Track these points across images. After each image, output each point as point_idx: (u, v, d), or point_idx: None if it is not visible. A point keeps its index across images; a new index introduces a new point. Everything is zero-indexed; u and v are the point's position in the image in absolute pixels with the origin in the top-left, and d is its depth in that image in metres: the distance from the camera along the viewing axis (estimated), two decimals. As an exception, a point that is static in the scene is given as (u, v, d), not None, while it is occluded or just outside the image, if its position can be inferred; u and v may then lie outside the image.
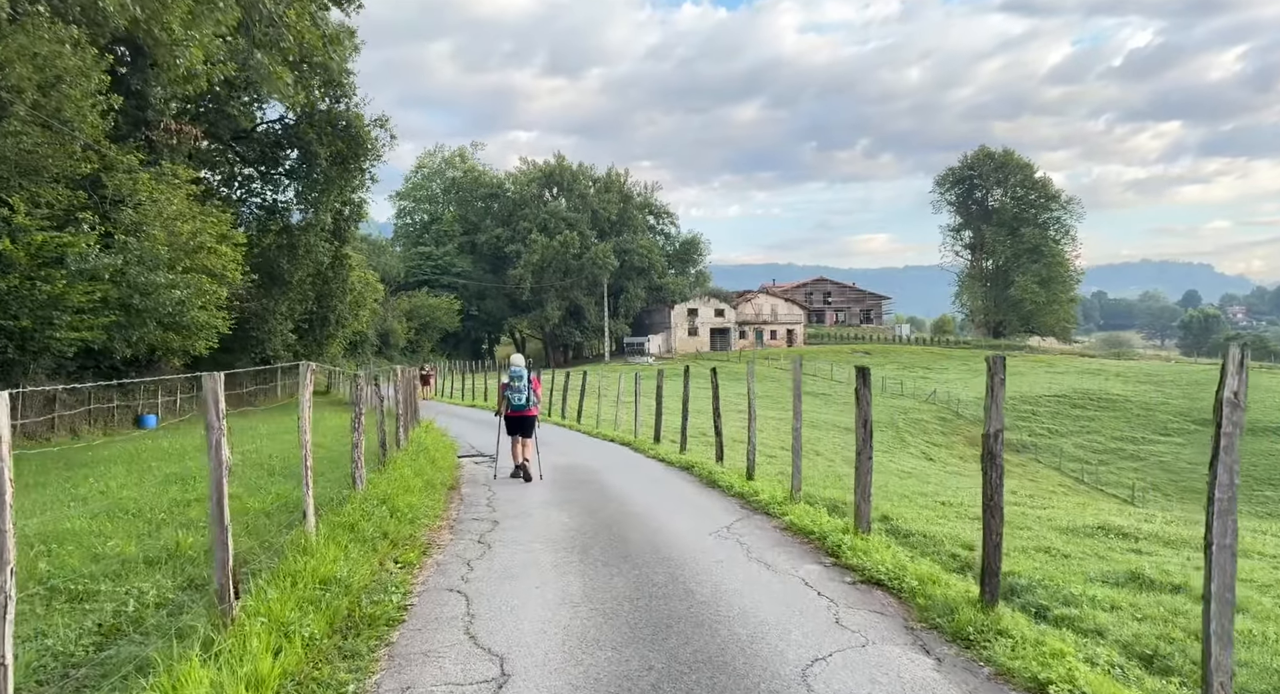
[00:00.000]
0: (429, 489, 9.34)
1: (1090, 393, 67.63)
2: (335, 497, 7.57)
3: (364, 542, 6.28)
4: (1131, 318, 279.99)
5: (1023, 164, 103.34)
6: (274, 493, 8.52)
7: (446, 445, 15.21)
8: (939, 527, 9.01)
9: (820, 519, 7.56)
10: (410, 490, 8.60)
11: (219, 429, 4.01)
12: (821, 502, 9.74)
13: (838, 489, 12.04)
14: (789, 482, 12.56)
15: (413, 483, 8.93)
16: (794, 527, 7.58)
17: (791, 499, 8.61)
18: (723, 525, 7.95)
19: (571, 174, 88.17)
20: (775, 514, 8.29)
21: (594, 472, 12.31)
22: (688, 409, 14.62)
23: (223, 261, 24.50)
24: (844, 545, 6.50)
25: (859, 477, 6.83)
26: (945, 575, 5.75)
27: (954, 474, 40.76)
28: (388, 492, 7.86)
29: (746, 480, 10.28)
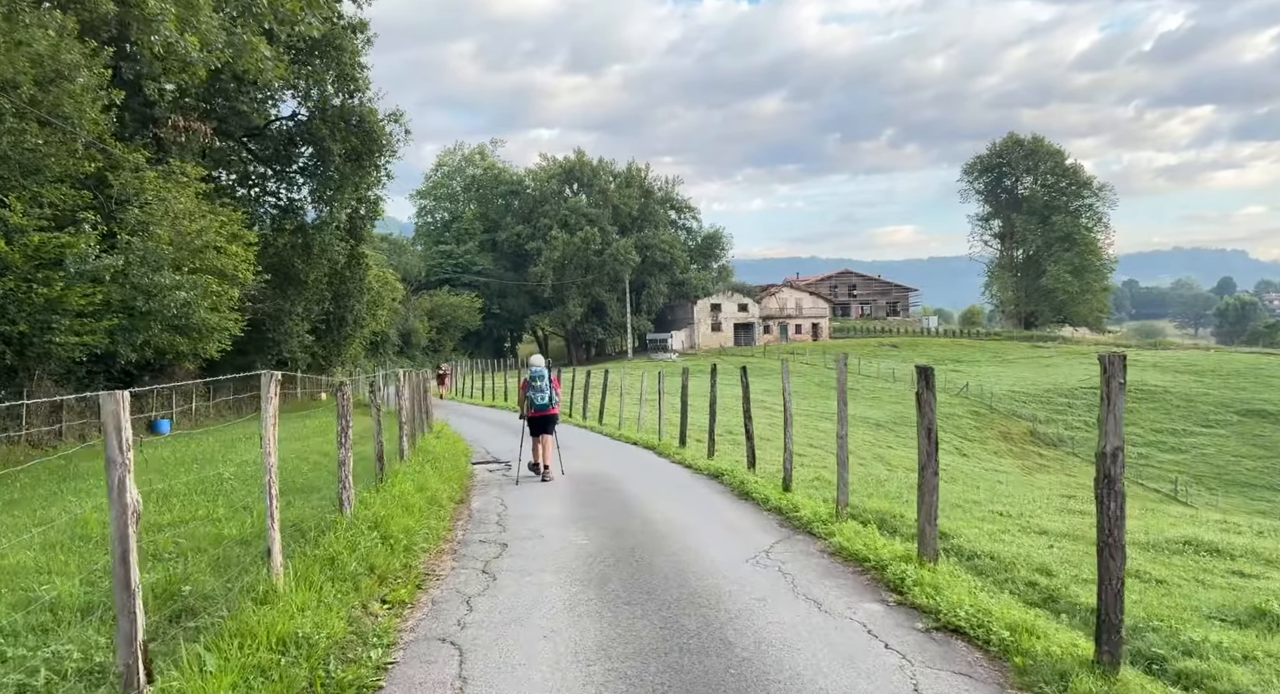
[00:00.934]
0: (432, 506, 8.44)
1: (1128, 384, 65.88)
2: (320, 522, 6.68)
3: (345, 579, 5.37)
4: (1164, 306, 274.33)
5: (1053, 151, 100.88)
6: (260, 514, 7.65)
7: (459, 452, 14.35)
8: (1005, 546, 7.96)
9: (874, 542, 6.55)
10: (410, 509, 7.70)
11: (122, 464, 3.10)
12: (868, 515, 8.72)
13: (880, 498, 11.00)
14: (828, 490, 11.53)
15: (413, 500, 8.03)
16: (844, 551, 6.57)
17: (838, 516, 7.61)
18: (761, 549, 6.96)
19: (592, 169, 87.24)
20: (820, 534, 7.29)
21: (615, 480, 11.37)
22: (715, 411, 13.63)
23: (233, 262, 23.85)
24: (908, 578, 5.49)
25: (923, 495, 5.81)
26: (1041, 622, 4.73)
27: (990, 470, 39.43)
28: (381, 513, 6.95)
29: (783, 491, 9.29)
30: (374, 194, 33.28)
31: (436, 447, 12.91)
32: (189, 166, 23.41)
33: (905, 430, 50.44)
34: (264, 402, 4.91)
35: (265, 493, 4.95)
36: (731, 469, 11.37)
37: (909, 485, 13.87)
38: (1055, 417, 58.59)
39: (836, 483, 7.91)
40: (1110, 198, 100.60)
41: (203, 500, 8.58)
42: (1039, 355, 79.86)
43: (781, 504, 8.59)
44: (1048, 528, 9.51)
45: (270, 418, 4.92)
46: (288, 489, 9.33)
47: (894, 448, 43.52)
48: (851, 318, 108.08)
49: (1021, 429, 56.98)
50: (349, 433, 6.61)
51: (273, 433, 4.95)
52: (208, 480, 9.90)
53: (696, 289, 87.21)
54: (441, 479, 10.23)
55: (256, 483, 9.84)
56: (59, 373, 21.10)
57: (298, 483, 9.59)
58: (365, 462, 9.99)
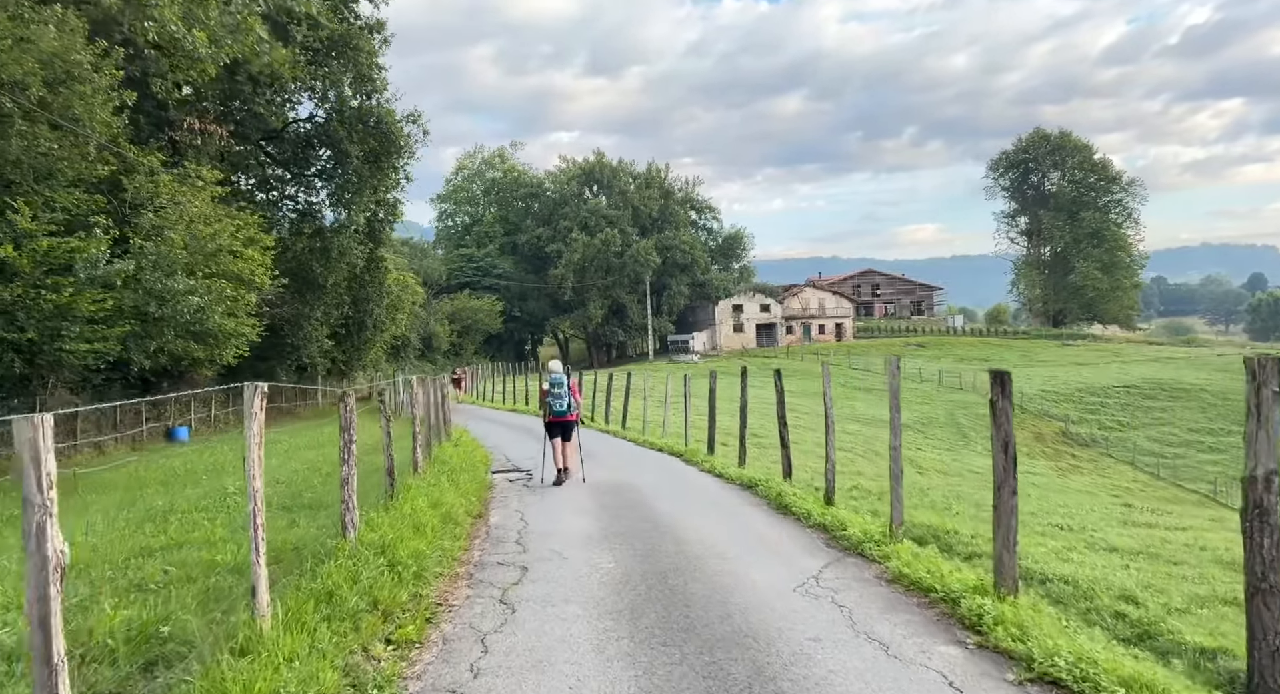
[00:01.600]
0: (447, 525, 7.81)
1: (1162, 382, 64.14)
2: (323, 547, 6.06)
3: (343, 618, 4.74)
4: (1193, 303, 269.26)
5: (1081, 146, 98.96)
6: (266, 533, 7.06)
7: (478, 460, 13.74)
8: (1077, 567, 7.20)
9: (939, 567, 5.83)
10: (421, 529, 7.07)
11: (43, 506, 2.46)
12: (920, 531, 7.99)
13: (927, 509, 10.25)
14: (870, 501, 10.78)
15: (426, 518, 7.40)
16: (905, 578, 5.85)
17: (891, 535, 6.88)
18: (809, 574, 6.26)
19: (611, 171, 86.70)
20: (874, 557, 6.57)
21: (641, 491, 10.70)
22: (746, 417, 12.92)
23: (250, 266, 23.47)
24: (987, 615, 4.77)
25: (1000, 518, 5.09)
26: (1158, 675, 3.99)
27: (1024, 472, 38.26)
28: (389, 536, 6.32)
29: (826, 506, 8.57)
30: (392, 197, 32.89)
31: (453, 456, 12.30)
32: (205, 169, 23.06)
33: (934, 432, 49.35)
34: (247, 419, 4.29)
35: (249, 523, 4.33)
36: (766, 480, 10.66)
37: (954, 495, 13.11)
38: (1088, 416, 57.19)
39: (890, 498, 7.17)
40: (1140, 193, 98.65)
41: (203, 518, 8.02)
42: (1069, 354, 78.22)
43: (826, 520, 7.87)
44: (1116, 543, 8.73)
45: (255, 437, 4.30)
46: (294, 505, 8.76)
47: (923, 450, 42.54)
48: (875, 317, 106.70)
49: (1054, 429, 55.65)
50: (352, 448, 5.98)
51: (257, 454, 4.33)
52: (211, 495, 9.35)
53: (718, 290, 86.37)
54: (458, 492, 9.61)
55: (280, 494, 9.28)
56: (74, 381, 20.79)
57: (306, 498, 9.01)
58: (379, 474, 9.40)
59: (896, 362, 7.01)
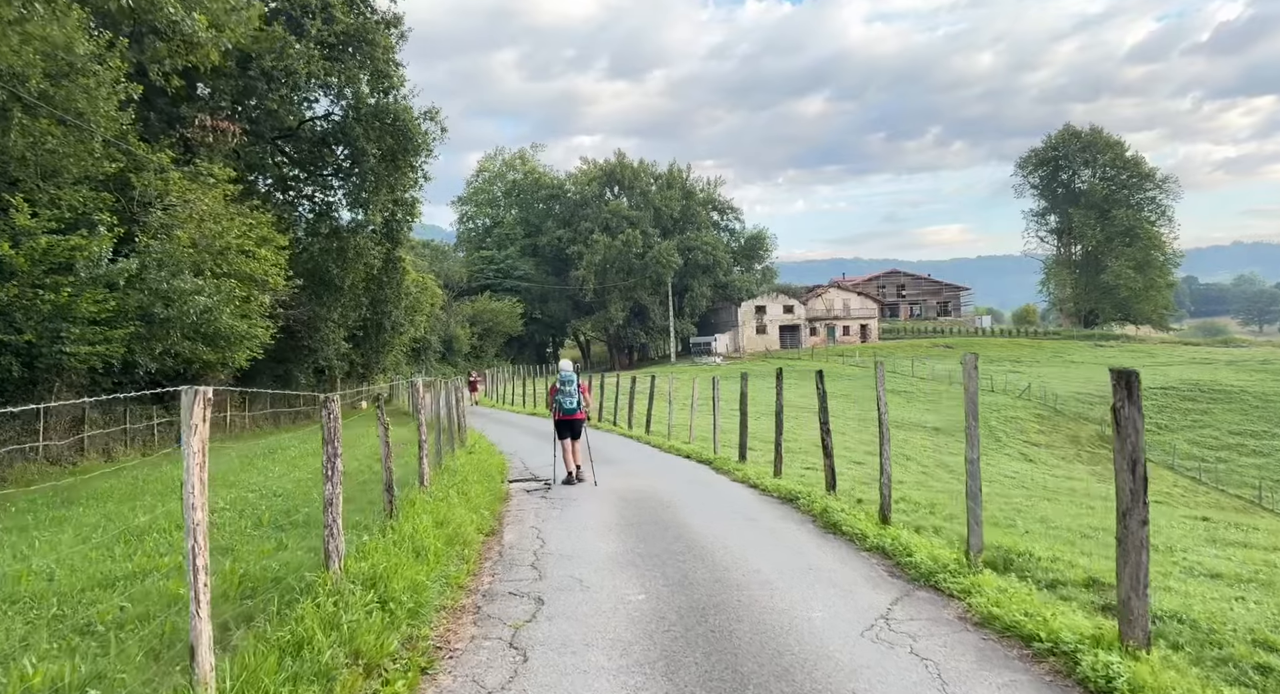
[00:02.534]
0: (453, 546, 6.91)
1: (1201, 384, 62.28)
2: (301, 581, 5.16)
3: (314, 678, 3.83)
4: (1225, 303, 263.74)
5: (1112, 142, 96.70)
6: (244, 560, 6.20)
7: (494, 468, 12.86)
8: (1182, 598, 6.15)
9: (1038, 609, 4.81)
10: (422, 554, 6.17)
11: None
12: (988, 553, 6.96)
13: (989, 526, 9.17)
14: (921, 516, 9.76)
15: (429, 540, 6.49)
16: (997, 621, 4.85)
17: (968, 564, 5.87)
18: (876, 612, 5.28)
19: (632, 172, 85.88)
20: (951, 591, 5.57)
21: (670, 504, 9.75)
22: (782, 422, 11.93)
23: (263, 266, 22.81)
24: (1118, 677, 3.77)
25: (1127, 553, 4.09)
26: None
27: (1063, 478, 36.90)
28: (382, 566, 5.41)
29: (881, 524, 7.57)
30: (410, 196, 32.17)
31: (466, 465, 11.39)
32: (216, 167, 22.44)
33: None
34: (185, 431, 3.41)
35: (188, 564, 3.43)
36: (807, 492, 9.67)
37: (1012, 507, 12.02)
38: (1125, 419, 55.56)
39: (962, 517, 6.17)
40: (1174, 190, 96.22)
41: (182, 538, 7.17)
42: (1103, 355, 76.28)
43: (885, 543, 6.87)
44: (1216, 568, 7.66)
45: (195, 454, 3.41)
46: (288, 522, 7.90)
47: (956, 454, 41.23)
48: (900, 319, 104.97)
49: (1090, 432, 54.08)
50: (337, 464, 5.09)
51: (198, 478, 3.43)
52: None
53: (740, 291, 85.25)
54: (469, 506, 8.71)
55: (251, 514, 8.44)
56: (82, 385, 20.19)
57: (300, 515, 8.15)
58: (394, 479, 8.53)
59: (974, 362, 6.01)
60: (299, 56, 24.46)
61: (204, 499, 3.50)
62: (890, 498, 7.75)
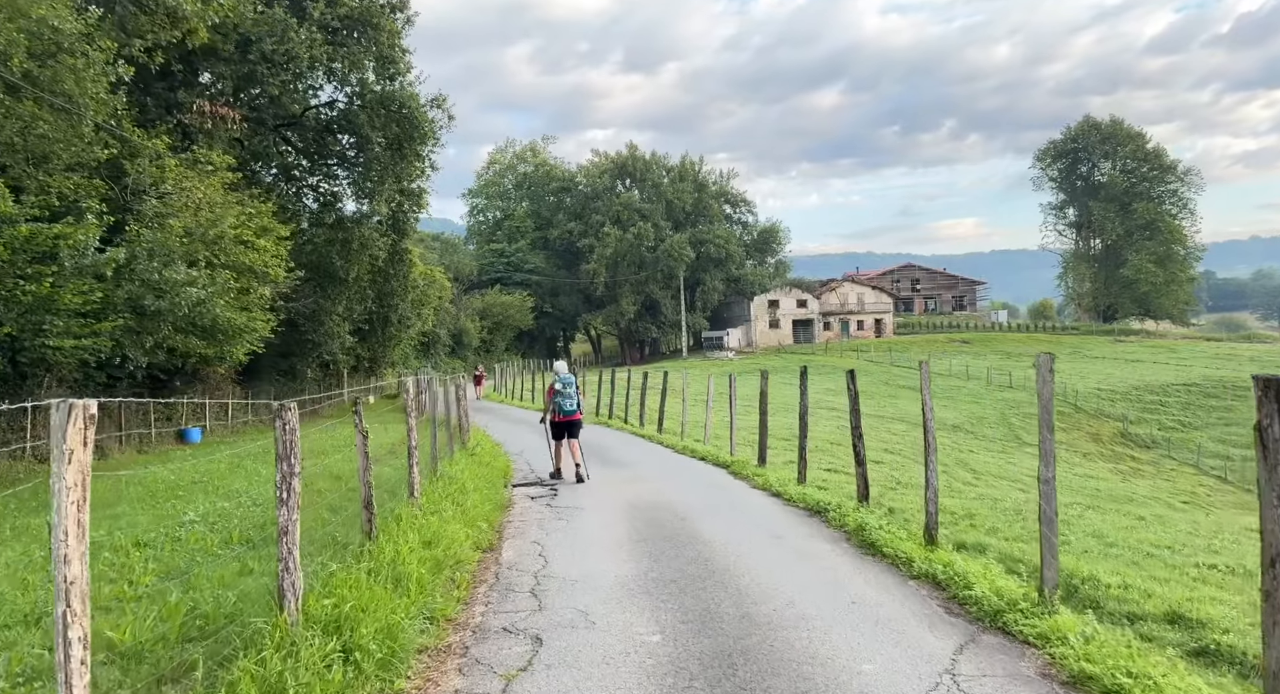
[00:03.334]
0: (442, 570, 6.08)
1: (1224, 380, 60.91)
2: (249, 627, 4.32)
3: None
4: (1243, 298, 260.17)
5: (1133, 134, 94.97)
6: (198, 589, 5.39)
7: (497, 471, 12.04)
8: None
9: (1148, 668, 3.93)
10: (403, 584, 5.34)
11: None
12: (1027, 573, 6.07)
13: (1032, 539, 8.25)
14: (961, 530, 8.87)
15: (411, 567, 5.65)
16: (1093, 684, 3.97)
17: (1043, 602, 4.98)
18: (940, 665, 4.40)
19: (644, 164, 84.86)
20: (1025, 635, 4.69)
21: (686, 516, 8.90)
22: (807, 426, 11.04)
23: (263, 257, 22.06)
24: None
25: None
26: None
27: (1084, 476, 35.82)
28: (350, 604, 4.56)
29: (928, 546, 6.68)
30: (418, 186, 31.39)
31: (466, 469, 10.54)
32: (215, 154, 21.70)
33: (985, 431, 46.89)
34: (57, 460, 2.57)
35: (58, 636, 2.60)
36: (838, 504, 8.79)
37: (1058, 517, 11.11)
38: (1146, 416, 54.31)
39: (1041, 553, 5.27)
40: (1196, 183, 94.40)
41: (138, 559, 6.38)
42: (1123, 350, 74.85)
43: (935, 570, 5.98)
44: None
45: (71, 488, 2.57)
46: (261, 538, 7.09)
47: (975, 452, 40.20)
48: (915, 313, 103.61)
49: (1111, 430, 52.85)
50: (293, 484, 4.24)
51: (75, 521, 2.59)
52: (166, 521, 7.72)
53: (753, 285, 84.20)
54: (465, 520, 7.88)
55: (222, 528, 7.63)
56: (74, 380, 19.51)
57: (271, 529, 7.33)
58: (384, 487, 7.71)
59: (1049, 364, 5.11)
60: (301, 41, 23.65)
61: (82, 548, 2.66)
62: (936, 515, 6.86)
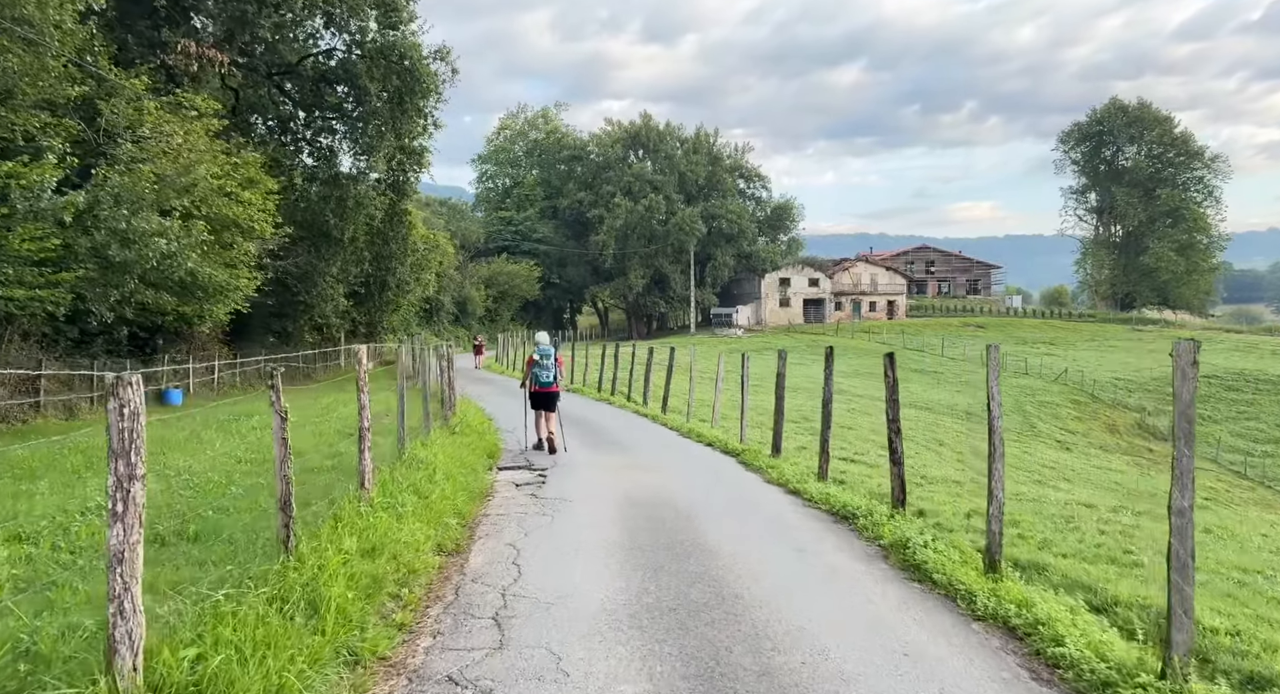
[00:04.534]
0: (379, 590, 4.80)
1: (1246, 372, 59.39)
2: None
3: None
4: (1259, 291, 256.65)
5: (1161, 118, 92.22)
6: (62, 611, 4.14)
7: (480, 452, 10.77)
8: None
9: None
10: (318, 616, 4.07)
11: None
12: (1100, 601, 4.79)
13: (1075, 547, 6.99)
14: (1006, 538, 7.61)
15: (335, 589, 4.35)
16: None
17: (1173, 677, 3.68)
18: (1045, 776, 3.12)
19: (658, 134, 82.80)
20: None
21: (690, 516, 7.63)
22: (831, 415, 9.71)
23: (249, 211, 20.72)
24: None
25: None
26: None
27: (1101, 468, 34.52)
28: (220, 657, 3.30)
29: (990, 576, 5.37)
30: (419, 144, 29.87)
31: (441, 453, 9.19)
32: (199, 98, 20.28)
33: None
34: None
35: None
36: (867, 509, 7.49)
37: (1117, 530, 9.78)
38: (1165, 407, 52.80)
39: (1170, 599, 3.96)
40: (1223, 170, 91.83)
41: (3, 560, 5.13)
42: (1141, 340, 73.16)
43: (1007, 612, 4.68)
44: None
45: None
46: (162, 536, 5.82)
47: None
48: (928, 296, 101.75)
49: (1128, 420, 51.47)
50: (134, 494, 2.94)
51: None
52: (75, 504, 6.47)
53: (764, 262, 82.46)
54: (427, 516, 6.61)
55: (171, 505, 6.38)
56: (41, 334, 18.30)
57: (202, 523, 6.06)
58: (351, 471, 6.47)
59: (1192, 353, 3.77)
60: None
61: None
62: (1001, 536, 5.54)
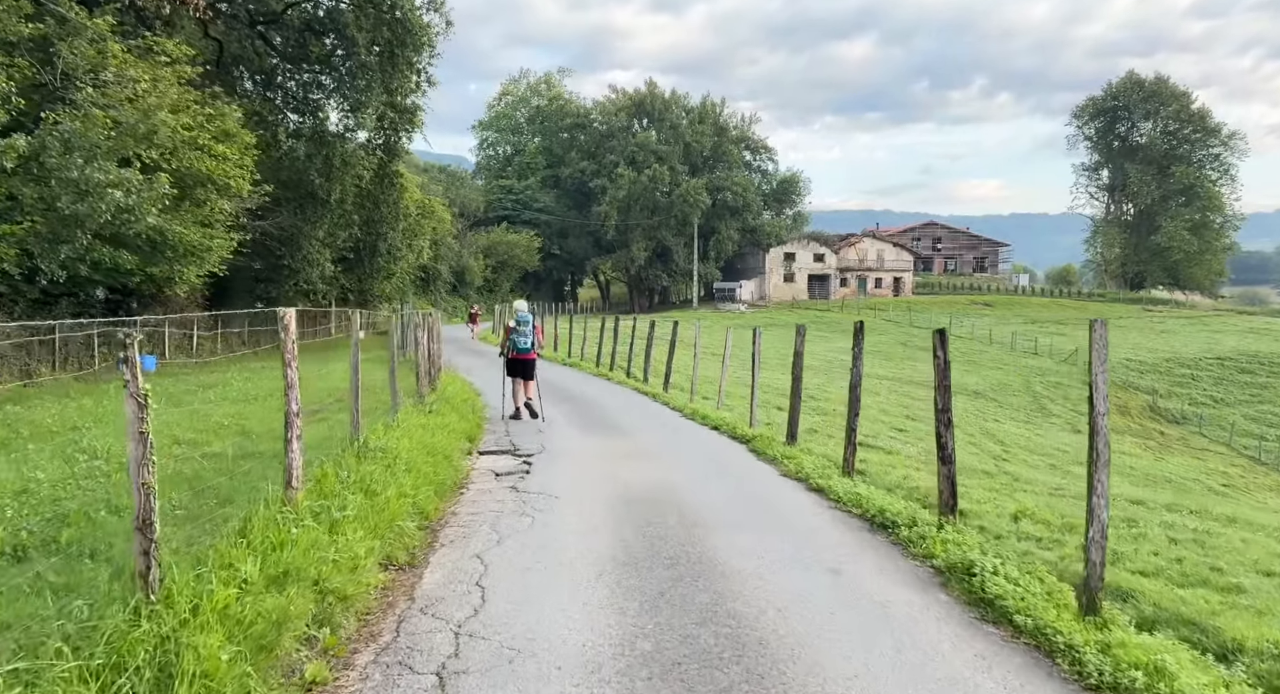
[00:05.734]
0: (279, 636, 3.56)
1: (1259, 355, 58.08)
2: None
3: None
4: (1266, 272, 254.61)
5: (1178, 93, 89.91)
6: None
7: (459, 434, 9.52)
8: None
9: None
10: (200, 671, 2.83)
11: None
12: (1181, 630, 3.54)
13: (1149, 562, 5.74)
14: (1066, 547, 6.34)
15: (208, 645, 3.13)
16: None
17: None
18: None
19: (663, 103, 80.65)
20: None
21: (698, 523, 6.38)
22: (859, 401, 8.41)
23: (224, 166, 19.33)
24: None
25: None
26: None
27: (1118, 454, 33.36)
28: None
29: (1088, 619, 4.13)
30: (411, 101, 28.31)
31: (405, 440, 7.83)
32: (171, 43, 18.79)
33: (1009, 400, 44.38)
34: None
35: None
36: (909, 515, 6.24)
37: (1167, 533, 8.52)
38: (1177, 390, 51.68)
39: None
40: (1240, 147, 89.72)
41: None
42: (1153, 320, 71.78)
43: (1133, 682, 3.44)
44: None
45: None
46: (47, 538, 4.57)
47: (1001, 421, 37.79)
48: (934, 273, 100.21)
49: (1139, 403, 50.23)
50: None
51: None
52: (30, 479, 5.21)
53: (769, 236, 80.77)
54: (374, 522, 5.34)
55: (24, 513, 5.12)
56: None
57: (100, 523, 4.81)
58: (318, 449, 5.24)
59: None
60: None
61: None
62: (1103, 569, 4.27)
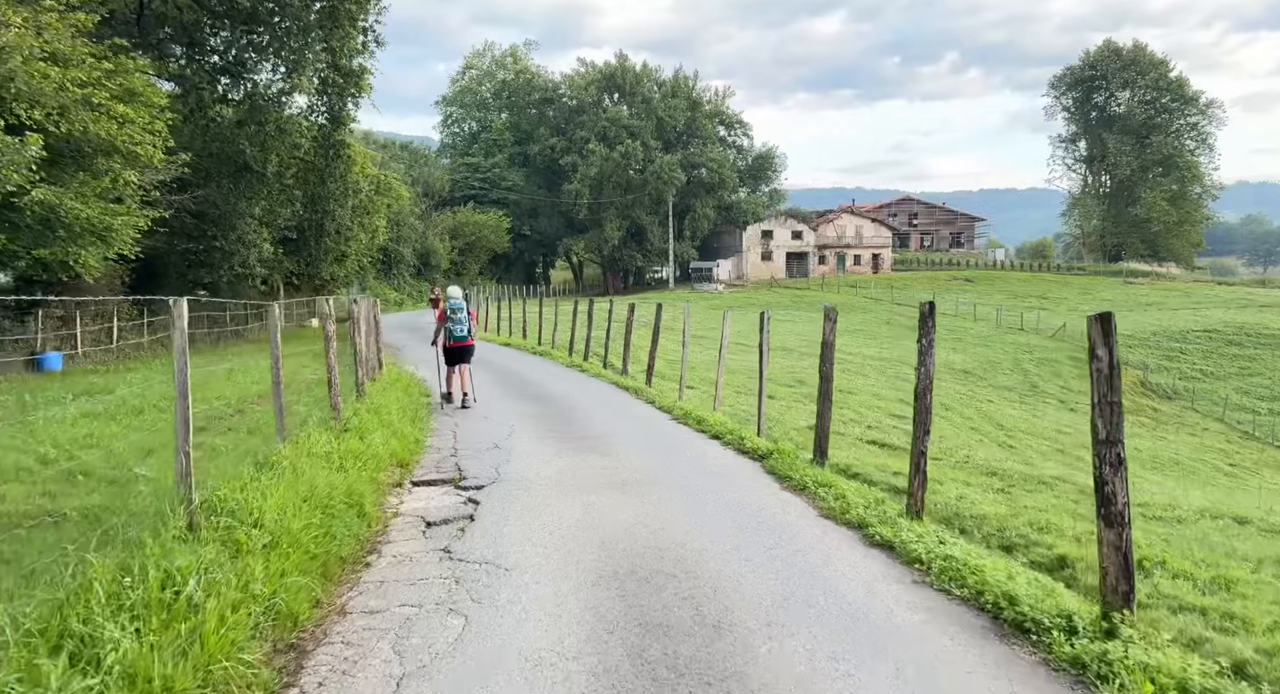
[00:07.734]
0: None
1: (1245, 327, 56.91)
2: None
3: None
4: (1231, 243, 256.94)
5: (1156, 62, 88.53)
6: None
7: (390, 457, 7.13)
8: None
9: None
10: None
11: None
12: None
13: (1224, 603, 3.46)
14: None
15: None
16: None
17: None
18: None
19: (635, 77, 77.72)
20: None
21: (721, 626, 4.09)
22: (929, 408, 6.12)
23: (129, 131, 16.59)
24: None
25: None
26: None
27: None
28: None
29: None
30: (358, 64, 25.49)
31: (279, 492, 5.37)
32: (58, -11, 15.97)
33: (999, 379, 42.66)
34: None
35: None
36: (1056, 610, 3.99)
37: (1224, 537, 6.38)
38: (1167, 364, 50.28)
39: None
40: (1219, 116, 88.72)
41: None
42: (1135, 293, 70.57)
43: None
44: None
45: None
46: None
47: (994, 402, 35.94)
48: (911, 249, 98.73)
49: (1130, 379, 48.65)
50: None
51: None
52: None
53: (746, 214, 78.45)
54: (222, 632, 2.97)
55: None
56: None
57: None
58: None
59: None
60: None
61: None
62: None
